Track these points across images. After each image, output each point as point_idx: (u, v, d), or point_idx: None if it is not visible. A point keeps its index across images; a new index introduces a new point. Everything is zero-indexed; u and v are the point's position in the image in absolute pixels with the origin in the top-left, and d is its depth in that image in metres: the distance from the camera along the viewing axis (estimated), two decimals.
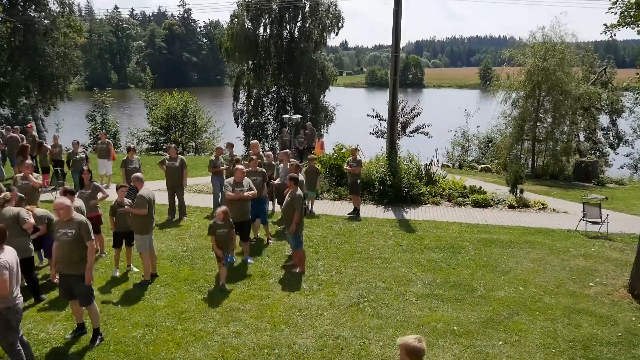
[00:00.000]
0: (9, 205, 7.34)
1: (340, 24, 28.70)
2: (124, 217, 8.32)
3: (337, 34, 29.50)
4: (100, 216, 9.19)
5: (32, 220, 7.37)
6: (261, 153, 12.34)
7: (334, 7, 28.21)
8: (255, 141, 12.92)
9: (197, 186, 14.84)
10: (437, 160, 19.59)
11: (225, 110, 42.81)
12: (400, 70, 15.40)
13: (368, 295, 7.82)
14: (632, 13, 8.48)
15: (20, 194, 8.04)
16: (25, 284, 7.46)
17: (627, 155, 25.02)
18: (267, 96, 29.90)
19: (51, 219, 7.92)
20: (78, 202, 7.82)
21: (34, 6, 25.83)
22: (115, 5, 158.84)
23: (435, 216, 12.41)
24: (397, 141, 17.55)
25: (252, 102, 29.57)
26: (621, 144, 25.46)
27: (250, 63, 29.02)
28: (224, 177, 11.64)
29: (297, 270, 8.69)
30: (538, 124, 20.98)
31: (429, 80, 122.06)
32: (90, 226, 6.18)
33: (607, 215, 11.12)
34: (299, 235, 8.61)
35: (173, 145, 12.62)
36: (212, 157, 12.18)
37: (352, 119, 30.96)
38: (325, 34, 28.39)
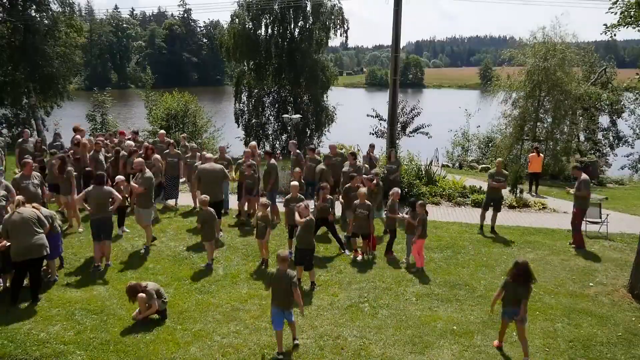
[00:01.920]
0: (22, 207, 7.38)
1: (345, 26, 28.64)
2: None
3: (345, 37, 29.40)
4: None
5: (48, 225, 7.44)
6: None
7: (337, 10, 28.15)
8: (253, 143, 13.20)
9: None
10: (437, 160, 19.59)
11: (226, 110, 42.82)
12: (400, 71, 15.41)
13: (368, 295, 7.82)
14: (632, 13, 8.48)
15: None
16: (28, 282, 7.48)
17: (627, 156, 24.97)
18: (267, 96, 29.84)
19: (54, 219, 7.98)
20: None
21: (34, 6, 25.84)
22: (116, 5, 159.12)
23: (435, 216, 12.39)
24: (397, 141, 17.56)
25: (252, 102, 29.51)
26: (621, 144, 25.42)
27: (251, 63, 28.98)
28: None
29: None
30: (538, 124, 20.96)
31: (429, 81, 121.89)
32: None
33: (607, 215, 11.12)
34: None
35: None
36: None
37: (352, 119, 30.96)
38: (328, 35, 28.33)
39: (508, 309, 6.26)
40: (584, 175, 10.26)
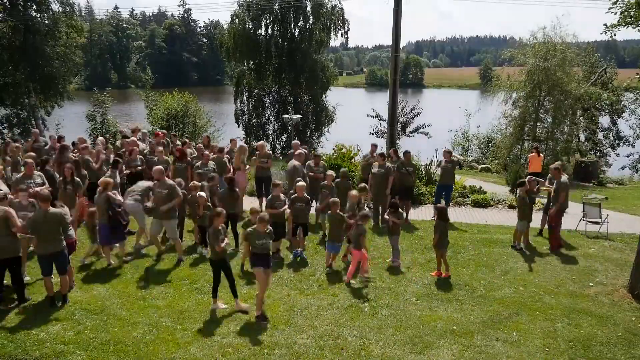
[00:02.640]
0: (1, 205, 7.31)
1: (346, 27, 28.66)
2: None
3: (346, 38, 29.42)
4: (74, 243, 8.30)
5: (19, 224, 7.25)
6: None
7: (338, 10, 28.14)
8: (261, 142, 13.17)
9: None
10: (437, 160, 19.56)
11: (226, 110, 42.83)
12: (400, 70, 15.43)
13: (368, 295, 7.82)
14: (632, 13, 8.48)
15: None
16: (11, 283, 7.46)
17: (628, 156, 24.96)
18: (267, 96, 29.87)
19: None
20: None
21: (34, 6, 25.84)
22: (116, 5, 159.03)
23: None
24: (397, 141, 17.57)
25: (252, 102, 29.53)
26: (621, 144, 25.40)
27: (251, 63, 29.00)
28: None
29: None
30: (538, 124, 20.94)
31: (429, 81, 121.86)
32: None
33: (607, 215, 11.11)
34: None
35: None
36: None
37: (352, 119, 30.95)
38: (328, 36, 28.34)
39: None
40: (564, 177, 10.20)
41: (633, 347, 6.51)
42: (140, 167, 11.77)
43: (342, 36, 28.98)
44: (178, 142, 14.17)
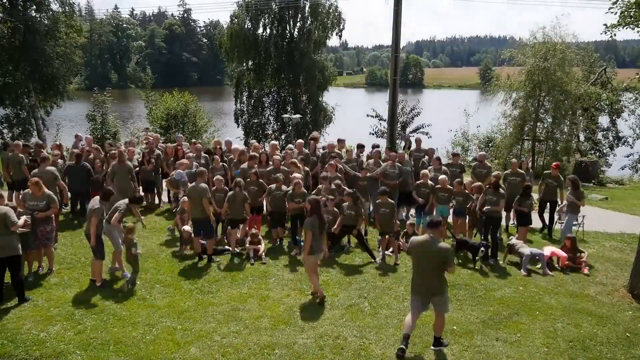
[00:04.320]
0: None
1: (341, 26, 28.73)
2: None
3: (340, 36, 29.53)
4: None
5: (21, 222, 7.31)
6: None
7: (334, 9, 28.24)
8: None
9: None
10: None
11: (226, 110, 42.85)
12: (400, 70, 15.44)
13: (368, 295, 7.82)
14: (632, 13, 8.49)
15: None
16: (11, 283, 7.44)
17: (627, 156, 24.96)
18: (267, 96, 29.92)
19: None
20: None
21: (34, 6, 25.85)
22: (115, 5, 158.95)
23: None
24: (397, 141, 17.58)
25: (252, 102, 29.59)
26: (620, 144, 25.41)
27: (250, 63, 29.07)
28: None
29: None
30: (538, 124, 20.95)
31: (429, 81, 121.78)
32: None
33: (583, 216, 11.07)
34: None
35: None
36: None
37: (352, 119, 30.96)
38: (325, 35, 28.40)
39: None
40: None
41: (633, 347, 6.51)
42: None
43: (336, 34, 29.08)
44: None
